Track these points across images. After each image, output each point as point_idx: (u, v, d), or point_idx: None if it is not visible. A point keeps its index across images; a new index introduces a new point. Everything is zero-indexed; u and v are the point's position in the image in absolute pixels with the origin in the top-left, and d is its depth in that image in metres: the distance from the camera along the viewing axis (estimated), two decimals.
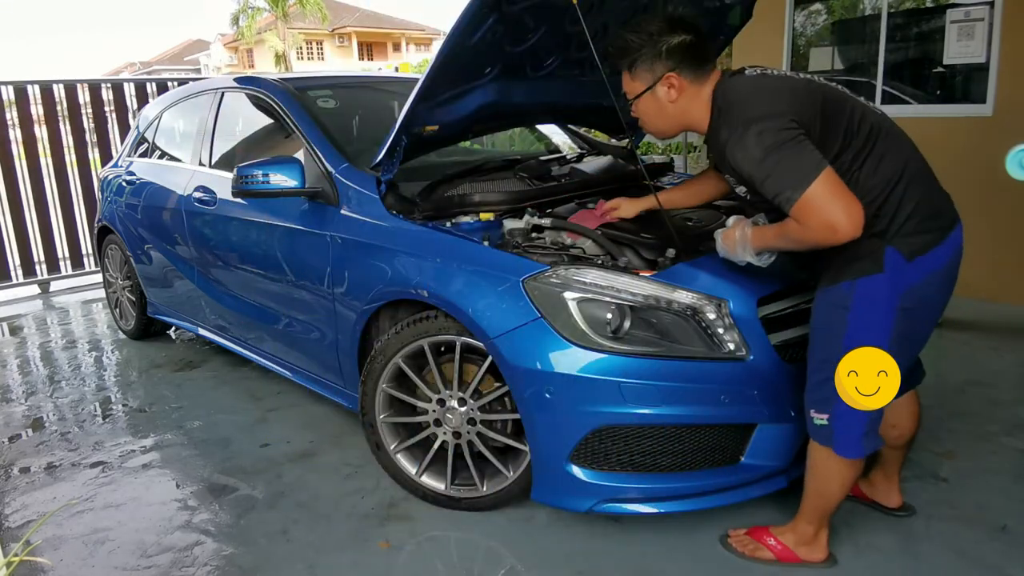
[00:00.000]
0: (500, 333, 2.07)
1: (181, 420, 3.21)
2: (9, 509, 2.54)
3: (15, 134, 5.79)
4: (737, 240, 1.89)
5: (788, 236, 1.75)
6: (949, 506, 2.29)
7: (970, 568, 2.00)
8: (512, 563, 2.09)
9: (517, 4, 2.20)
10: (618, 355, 1.97)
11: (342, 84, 3.60)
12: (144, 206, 3.91)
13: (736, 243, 1.90)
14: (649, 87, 1.90)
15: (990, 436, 2.73)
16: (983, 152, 4.22)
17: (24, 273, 5.96)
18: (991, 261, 4.32)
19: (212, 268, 3.41)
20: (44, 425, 3.26)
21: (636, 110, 1.98)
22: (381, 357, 2.38)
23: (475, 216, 2.43)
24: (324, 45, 40.28)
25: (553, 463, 2.07)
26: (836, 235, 1.65)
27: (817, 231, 1.66)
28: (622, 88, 2.00)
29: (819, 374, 1.85)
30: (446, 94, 2.47)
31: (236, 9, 30.56)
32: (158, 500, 2.54)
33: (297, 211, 2.79)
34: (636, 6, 2.60)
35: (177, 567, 2.15)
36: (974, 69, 4.38)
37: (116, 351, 4.28)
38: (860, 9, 5.17)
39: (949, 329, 3.94)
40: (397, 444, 2.44)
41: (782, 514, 2.25)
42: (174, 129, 4.04)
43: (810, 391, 1.90)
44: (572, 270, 2.06)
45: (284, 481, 2.62)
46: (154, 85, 6.51)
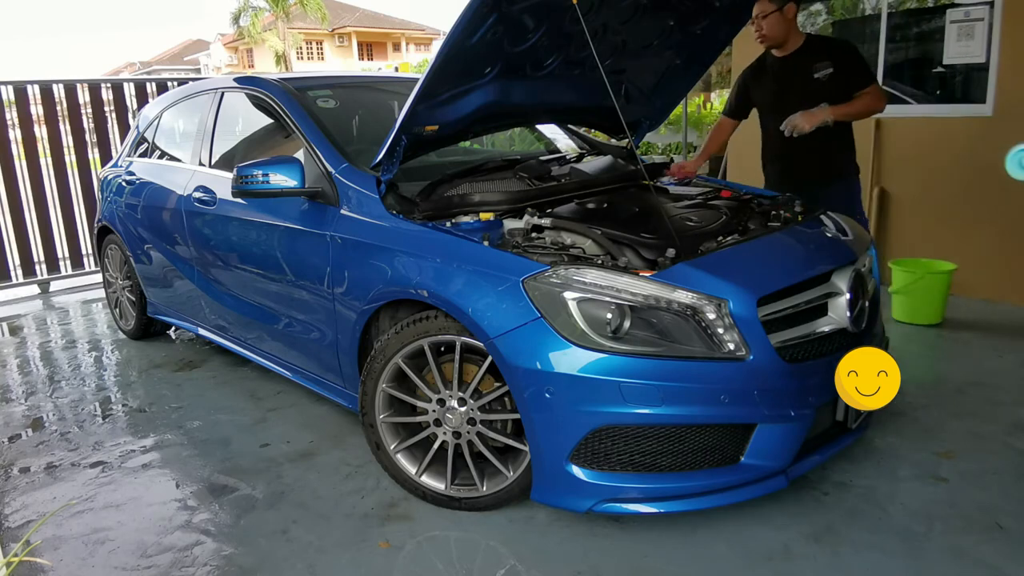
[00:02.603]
0: (500, 333, 2.07)
1: (181, 420, 3.21)
2: (9, 509, 2.53)
3: (15, 134, 5.79)
4: (818, 113, 3.10)
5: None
6: (949, 506, 2.29)
7: (970, 568, 2.00)
8: (512, 563, 2.09)
9: (517, 4, 2.20)
10: (618, 355, 1.97)
11: (342, 84, 3.60)
12: (144, 206, 3.91)
13: (819, 114, 3.10)
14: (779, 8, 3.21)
15: (990, 436, 2.73)
16: (983, 152, 4.22)
17: (24, 273, 5.95)
18: (991, 261, 4.32)
19: (212, 268, 3.41)
20: (44, 425, 3.26)
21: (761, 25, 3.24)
22: (381, 357, 2.38)
23: (475, 216, 2.42)
24: (324, 45, 40.27)
25: (553, 463, 2.07)
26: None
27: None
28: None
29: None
30: (446, 94, 2.47)
31: (237, 9, 30.59)
32: (158, 500, 2.54)
33: (297, 211, 2.79)
34: (636, 6, 2.60)
35: (177, 567, 2.15)
36: (974, 69, 4.38)
37: (116, 351, 4.28)
38: (860, 9, 5.16)
39: (949, 329, 3.94)
40: (397, 444, 2.44)
41: (782, 514, 2.25)
42: (174, 129, 4.04)
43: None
44: (572, 270, 2.06)
45: (284, 481, 2.62)
46: (154, 85, 6.51)
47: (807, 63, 3.25)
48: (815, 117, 3.10)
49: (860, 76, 3.21)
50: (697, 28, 2.98)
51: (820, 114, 3.11)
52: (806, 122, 3.11)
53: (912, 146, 4.61)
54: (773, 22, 3.22)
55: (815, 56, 3.25)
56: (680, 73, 3.25)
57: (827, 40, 3.47)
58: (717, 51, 3.18)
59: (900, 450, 2.64)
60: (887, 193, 4.76)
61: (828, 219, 2.71)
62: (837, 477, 2.46)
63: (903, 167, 4.69)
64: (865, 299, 2.44)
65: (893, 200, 4.75)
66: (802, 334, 2.20)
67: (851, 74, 3.21)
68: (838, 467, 2.51)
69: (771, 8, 3.20)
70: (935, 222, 4.53)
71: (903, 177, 4.75)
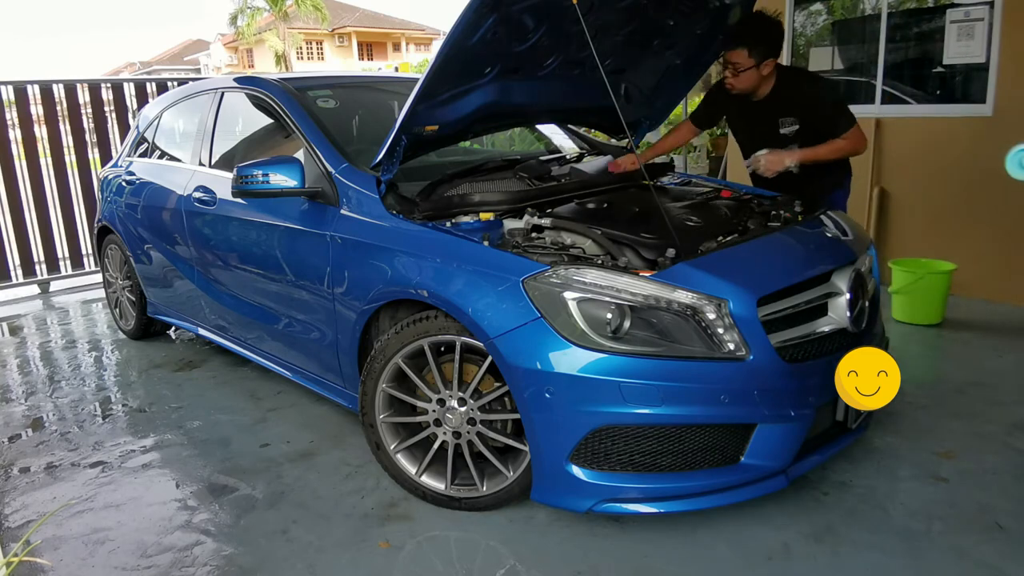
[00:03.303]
0: (500, 333, 2.07)
1: (181, 420, 3.21)
2: (9, 509, 2.53)
3: (15, 134, 5.79)
4: (785, 155, 2.92)
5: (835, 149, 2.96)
6: (949, 506, 2.29)
7: (970, 568, 2.00)
8: (512, 563, 2.09)
9: (517, 4, 2.20)
10: (618, 355, 1.97)
11: (342, 84, 3.60)
12: (144, 206, 3.91)
13: (784, 156, 2.91)
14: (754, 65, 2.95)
15: (990, 436, 2.73)
16: (983, 152, 4.22)
17: (24, 273, 5.95)
18: (991, 261, 4.32)
19: (212, 268, 3.41)
20: (44, 425, 3.26)
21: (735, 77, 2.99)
22: (381, 357, 2.38)
23: (475, 216, 2.42)
24: (324, 45, 40.26)
25: (553, 463, 2.07)
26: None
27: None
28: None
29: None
30: (446, 94, 2.47)
31: (235, 9, 30.59)
32: (158, 500, 2.54)
33: (297, 211, 2.79)
34: (636, 6, 2.60)
35: (177, 567, 2.15)
36: (974, 69, 4.38)
37: (116, 351, 4.28)
38: (860, 9, 5.16)
39: (949, 329, 3.94)
40: (397, 444, 2.44)
41: (782, 514, 2.25)
42: (174, 129, 4.04)
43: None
44: (572, 270, 2.06)
45: (284, 481, 2.62)
46: (154, 85, 6.51)
47: (774, 114, 3.03)
48: (780, 162, 2.92)
49: (831, 127, 2.94)
50: (697, 28, 2.98)
51: (786, 158, 2.91)
52: (769, 168, 2.94)
53: (912, 146, 4.61)
54: (747, 77, 2.96)
55: (782, 108, 3.01)
56: (680, 73, 3.25)
57: (798, 86, 3.02)
58: (717, 51, 3.17)
59: (900, 450, 2.64)
60: (887, 193, 4.76)
61: (828, 219, 2.71)
62: (837, 477, 2.46)
63: (903, 167, 4.69)
64: (865, 299, 2.44)
65: (893, 200, 4.75)
66: (802, 334, 2.20)
67: (820, 127, 2.96)
68: (838, 467, 2.51)
69: (748, 64, 2.92)
70: (935, 222, 4.53)
71: (903, 177, 4.75)
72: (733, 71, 2.97)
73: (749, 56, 2.91)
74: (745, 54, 2.91)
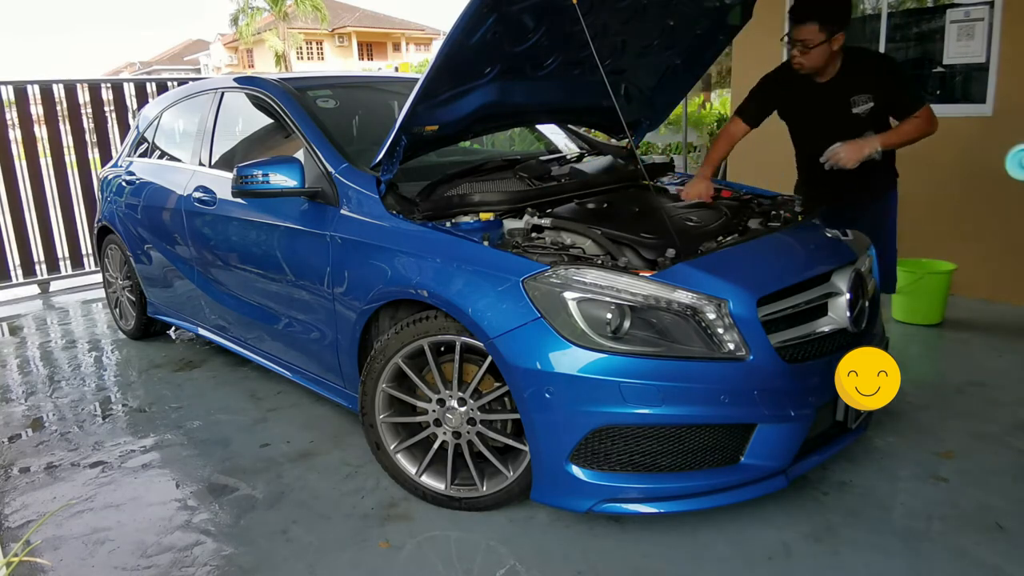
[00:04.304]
0: (500, 333, 2.07)
1: (181, 420, 3.21)
2: (9, 509, 2.53)
3: (15, 134, 5.79)
4: (863, 143, 2.78)
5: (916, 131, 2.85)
6: (949, 506, 2.29)
7: (970, 568, 2.00)
8: (512, 563, 2.09)
9: (517, 4, 2.20)
10: (618, 355, 1.97)
11: (342, 84, 3.60)
12: (144, 206, 3.91)
13: (863, 144, 2.78)
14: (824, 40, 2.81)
15: (990, 436, 2.73)
16: (983, 152, 4.22)
17: (24, 273, 5.95)
18: (991, 261, 4.32)
19: (212, 268, 3.41)
20: (44, 425, 3.26)
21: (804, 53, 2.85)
22: (381, 357, 2.38)
23: (475, 216, 2.42)
24: (324, 45, 40.27)
25: (553, 463, 2.07)
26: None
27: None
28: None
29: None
30: (446, 94, 2.47)
31: (236, 9, 30.60)
32: (158, 500, 2.54)
33: (297, 211, 2.79)
34: (636, 6, 2.60)
35: (177, 567, 2.15)
36: (974, 69, 4.38)
37: (116, 351, 4.28)
38: (860, 9, 5.16)
39: (949, 329, 3.94)
40: (397, 444, 2.44)
41: (782, 514, 2.25)
42: (174, 129, 4.04)
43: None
44: (572, 270, 2.06)
45: (284, 481, 2.62)
46: (154, 85, 6.51)
47: (845, 94, 2.89)
48: (861, 150, 2.77)
49: (905, 104, 2.85)
50: (697, 28, 2.98)
51: (866, 147, 2.77)
52: (851, 158, 2.77)
53: (912, 146, 4.60)
54: (818, 54, 2.81)
55: (854, 86, 2.87)
56: (680, 73, 3.25)
57: (867, 63, 2.92)
58: (717, 51, 3.17)
59: (900, 450, 2.64)
60: None
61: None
62: (837, 477, 2.46)
63: (903, 167, 4.66)
64: (865, 299, 2.44)
65: None
66: (802, 334, 2.20)
67: (895, 104, 2.88)
68: (838, 467, 2.51)
69: (819, 38, 2.77)
70: (935, 222, 4.53)
71: (903, 177, 4.72)
72: (803, 48, 2.82)
73: (820, 31, 2.76)
74: (815, 29, 2.77)
